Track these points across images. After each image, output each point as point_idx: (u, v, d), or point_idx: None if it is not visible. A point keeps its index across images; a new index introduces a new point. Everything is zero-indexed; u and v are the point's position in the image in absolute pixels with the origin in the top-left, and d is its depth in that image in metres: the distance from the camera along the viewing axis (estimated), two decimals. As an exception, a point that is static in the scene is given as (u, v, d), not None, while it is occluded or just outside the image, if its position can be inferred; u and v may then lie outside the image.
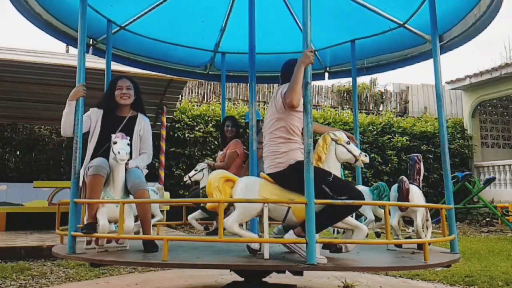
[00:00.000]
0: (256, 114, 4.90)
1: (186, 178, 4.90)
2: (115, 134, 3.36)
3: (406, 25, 4.81)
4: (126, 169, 3.40)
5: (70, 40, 4.85)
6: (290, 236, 2.91)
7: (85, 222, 3.33)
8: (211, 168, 4.80)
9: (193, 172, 4.84)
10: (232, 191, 3.05)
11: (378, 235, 4.35)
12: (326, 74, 6.07)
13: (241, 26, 5.16)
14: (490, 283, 4.21)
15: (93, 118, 3.61)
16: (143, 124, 3.69)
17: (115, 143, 3.31)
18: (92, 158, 3.45)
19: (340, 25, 5.21)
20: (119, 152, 3.25)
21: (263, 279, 3.41)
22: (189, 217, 4.77)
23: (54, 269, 4.86)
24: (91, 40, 4.96)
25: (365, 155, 3.19)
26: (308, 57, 2.82)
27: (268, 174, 3.10)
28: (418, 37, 4.76)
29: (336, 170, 3.11)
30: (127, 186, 3.39)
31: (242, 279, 3.45)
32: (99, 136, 3.56)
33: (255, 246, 3.03)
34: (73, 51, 10.05)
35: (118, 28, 4.92)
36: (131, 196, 3.40)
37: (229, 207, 3.46)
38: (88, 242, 3.41)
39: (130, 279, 4.36)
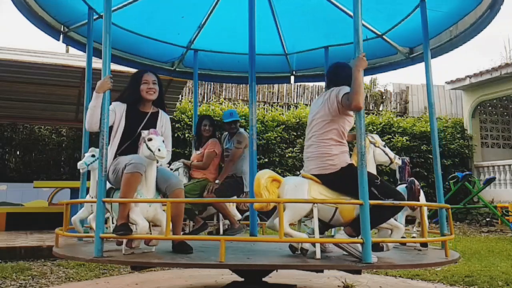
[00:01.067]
0: (234, 114, 4.94)
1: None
2: (148, 131, 3.21)
3: (384, 36, 5.09)
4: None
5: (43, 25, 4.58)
6: (342, 236, 2.98)
7: (117, 223, 3.08)
8: (187, 167, 4.74)
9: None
10: (278, 191, 3.11)
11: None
12: (292, 78, 6.12)
13: (221, 25, 5.17)
14: (490, 283, 4.21)
15: (118, 112, 3.39)
16: (164, 121, 3.56)
17: (150, 139, 3.15)
18: (118, 154, 3.31)
19: (316, 31, 5.30)
20: (159, 150, 3.08)
21: (263, 279, 3.41)
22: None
23: (54, 269, 4.86)
24: (62, 27, 4.66)
25: (398, 158, 3.43)
26: (364, 61, 2.97)
27: (316, 175, 3.15)
28: (392, 48, 5.12)
29: (373, 172, 3.30)
30: (157, 184, 3.23)
31: (242, 279, 3.45)
32: (123, 132, 3.39)
33: (306, 246, 3.09)
34: (73, 51, 10.04)
35: (97, 16, 4.52)
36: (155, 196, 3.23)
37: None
38: (119, 243, 3.28)
39: (130, 279, 4.36)
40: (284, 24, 5.36)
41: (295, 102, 13.51)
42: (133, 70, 6.31)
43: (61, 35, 4.68)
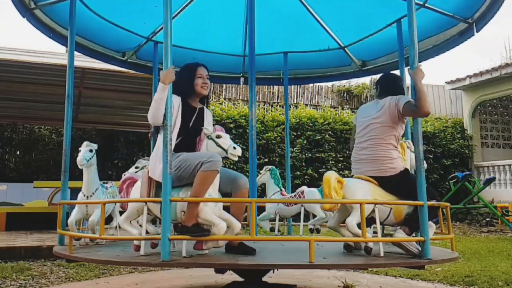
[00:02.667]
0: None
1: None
2: (213, 127, 3.15)
3: (346, 48, 5.42)
4: None
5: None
6: (402, 235, 3.15)
7: (184, 224, 2.92)
8: None
9: (133, 169, 4.24)
10: (342, 192, 3.19)
11: (318, 231, 4.83)
12: (242, 79, 6.12)
13: (194, 20, 5.05)
14: (490, 283, 4.21)
15: (175, 105, 3.17)
16: (210, 118, 3.46)
17: (219, 136, 3.08)
18: (176, 150, 3.12)
19: (277, 36, 5.36)
20: (234, 148, 3.02)
21: (263, 279, 3.41)
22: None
23: (54, 269, 4.86)
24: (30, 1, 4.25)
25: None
26: (422, 72, 3.23)
27: (374, 177, 3.30)
28: (348, 59, 5.50)
29: None
30: (220, 183, 3.11)
31: (242, 279, 3.45)
32: (180, 127, 3.19)
33: (370, 245, 3.19)
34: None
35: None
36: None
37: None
38: (154, 246, 3.25)
39: (130, 279, 4.36)
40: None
41: (295, 102, 13.51)
42: (132, 71, 6.34)
43: (28, 12, 4.31)
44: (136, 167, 4.25)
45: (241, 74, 6.08)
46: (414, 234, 3.24)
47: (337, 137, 11.21)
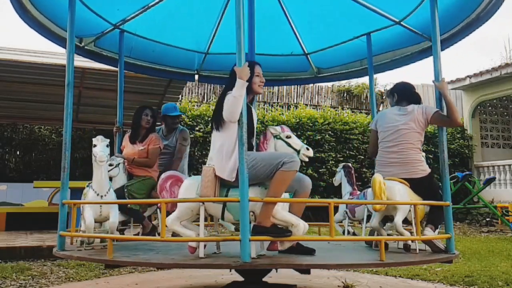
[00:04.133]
0: (178, 109, 4.87)
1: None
2: (279, 127, 3.13)
3: (308, 55, 5.64)
4: None
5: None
6: (430, 232, 3.41)
7: (260, 224, 2.89)
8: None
9: (108, 167, 3.98)
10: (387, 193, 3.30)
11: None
12: (196, 76, 6.05)
13: (165, 13, 4.91)
14: (490, 283, 4.21)
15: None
16: (256, 116, 3.45)
17: (289, 137, 3.07)
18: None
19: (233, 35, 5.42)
20: (308, 149, 3.02)
21: (263, 279, 3.40)
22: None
23: (54, 269, 4.86)
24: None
25: None
26: (446, 84, 3.66)
27: (407, 179, 3.50)
28: (308, 65, 5.73)
29: None
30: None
31: (243, 279, 3.44)
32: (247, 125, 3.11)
33: (409, 242, 3.40)
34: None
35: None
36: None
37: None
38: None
39: (130, 279, 4.36)
40: (209, 23, 5.30)
41: (295, 102, 13.52)
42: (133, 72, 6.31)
43: None
44: (111, 165, 4.09)
45: (196, 72, 5.98)
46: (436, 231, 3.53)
47: (337, 137, 11.21)
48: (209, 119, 10.31)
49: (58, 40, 4.74)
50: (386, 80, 35.16)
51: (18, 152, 10.70)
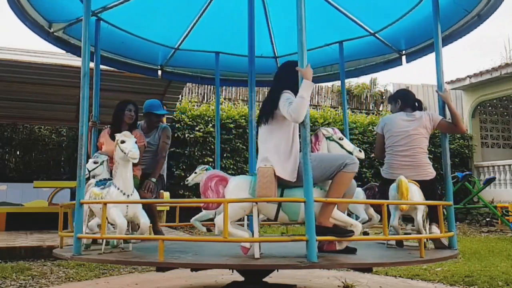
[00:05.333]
0: (160, 106, 4.73)
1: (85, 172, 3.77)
2: (331, 128, 3.18)
3: (277, 58, 5.84)
4: None
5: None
6: (436, 230, 3.54)
7: (321, 224, 2.90)
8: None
9: (92, 164, 3.81)
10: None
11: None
12: (159, 72, 5.99)
13: (145, 5, 4.82)
14: (490, 283, 4.21)
15: None
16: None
17: (341, 138, 3.15)
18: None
19: (210, 35, 5.41)
20: (360, 151, 3.18)
21: (263, 279, 3.41)
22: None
23: (54, 269, 4.86)
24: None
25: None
26: (449, 95, 3.98)
27: (418, 181, 3.64)
28: (275, 68, 5.59)
29: None
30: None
31: (243, 278, 3.45)
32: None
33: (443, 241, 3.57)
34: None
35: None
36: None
37: None
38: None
39: (130, 279, 4.36)
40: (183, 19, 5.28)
41: (295, 102, 13.50)
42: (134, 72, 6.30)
43: None
44: (95, 162, 3.87)
45: (160, 67, 5.90)
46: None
47: (337, 137, 11.20)
48: (209, 119, 10.33)
49: (33, 26, 4.53)
50: (386, 80, 35.17)
51: (18, 152, 10.71)
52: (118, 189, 3.28)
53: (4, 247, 5.57)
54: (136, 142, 3.64)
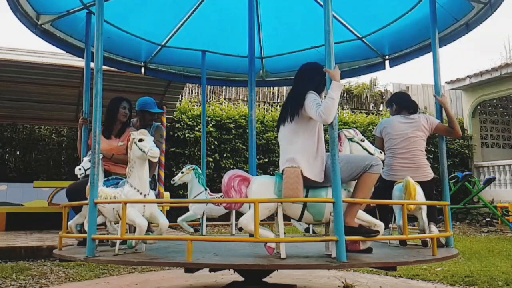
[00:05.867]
0: (155, 104, 4.67)
1: (81, 171, 3.72)
2: (353, 130, 3.24)
3: (263, 59, 5.95)
4: None
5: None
6: (435, 229, 3.64)
7: (352, 225, 2.94)
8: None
9: (88, 163, 3.63)
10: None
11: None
12: (143, 69, 5.92)
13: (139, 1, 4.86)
14: (490, 283, 4.21)
15: None
16: None
17: (363, 140, 3.23)
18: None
19: (198, 34, 5.45)
20: (381, 152, 3.26)
21: (263, 279, 3.40)
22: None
23: (54, 269, 4.86)
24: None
25: None
26: (447, 99, 4.05)
27: (419, 182, 3.70)
28: (259, 69, 5.95)
29: None
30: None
31: (243, 278, 3.44)
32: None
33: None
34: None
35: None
36: None
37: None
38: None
39: (130, 279, 4.36)
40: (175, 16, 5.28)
41: (295, 102, 13.50)
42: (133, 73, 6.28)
43: None
44: (89, 160, 3.61)
45: (143, 64, 5.79)
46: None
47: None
48: (209, 119, 10.33)
49: (22, 16, 4.42)
50: (386, 80, 35.17)
51: (18, 152, 10.70)
52: (135, 188, 3.18)
53: (4, 247, 5.57)
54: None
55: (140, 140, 3.17)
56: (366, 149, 3.21)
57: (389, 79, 38.33)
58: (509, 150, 13.66)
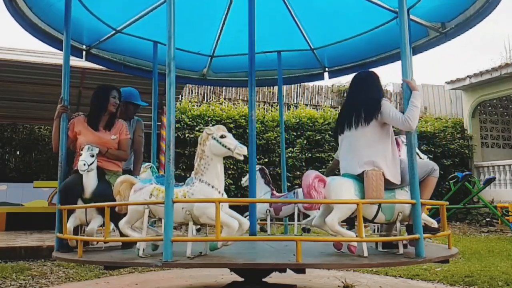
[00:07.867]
0: (139, 96, 4.61)
1: (85, 167, 3.45)
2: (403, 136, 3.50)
3: (212, 58, 5.92)
4: None
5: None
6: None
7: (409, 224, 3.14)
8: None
9: (90, 158, 3.49)
10: None
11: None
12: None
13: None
14: (490, 283, 4.21)
15: None
16: None
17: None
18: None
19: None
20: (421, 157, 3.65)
21: (263, 279, 3.40)
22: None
23: (54, 269, 4.86)
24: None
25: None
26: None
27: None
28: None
29: None
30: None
31: (242, 279, 3.44)
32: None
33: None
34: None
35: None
36: None
37: None
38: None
39: (130, 279, 4.36)
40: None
41: (295, 102, 13.52)
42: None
43: None
44: (92, 155, 3.52)
45: (85, 47, 5.36)
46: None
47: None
48: (209, 119, 10.32)
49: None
50: (386, 80, 35.16)
51: (18, 152, 10.71)
52: (213, 187, 2.94)
53: (4, 247, 5.57)
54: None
55: (222, 136, 2.97)
56: (417, 154, 3.44)
57: (389, 79, 38.35)
58: (509, 150, 13.66)
